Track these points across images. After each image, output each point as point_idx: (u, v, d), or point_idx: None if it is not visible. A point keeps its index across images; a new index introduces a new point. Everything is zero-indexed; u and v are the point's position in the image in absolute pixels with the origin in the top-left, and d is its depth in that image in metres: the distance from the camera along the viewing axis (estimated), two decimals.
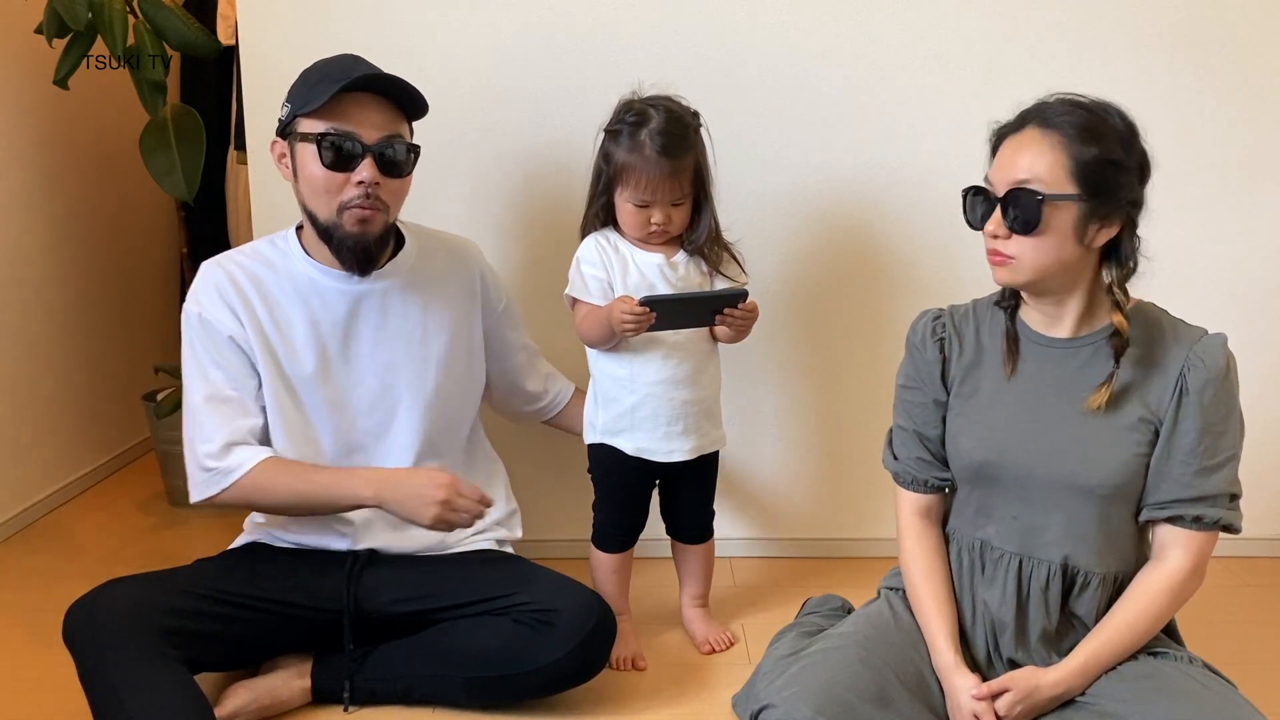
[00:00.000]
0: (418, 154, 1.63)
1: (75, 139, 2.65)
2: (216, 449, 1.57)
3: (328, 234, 1.59)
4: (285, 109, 1.59)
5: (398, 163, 1.58)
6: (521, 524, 1.89)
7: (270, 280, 1.64)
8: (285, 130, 1.59)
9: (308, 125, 1.55)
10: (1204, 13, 2.00)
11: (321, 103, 1.51)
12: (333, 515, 1.65)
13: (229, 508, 1.62)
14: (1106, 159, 1.23)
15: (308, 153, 1.55)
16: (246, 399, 1.61)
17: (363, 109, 1.55)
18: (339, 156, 1.54)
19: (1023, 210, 1.25)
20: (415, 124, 1.66)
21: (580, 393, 1.92)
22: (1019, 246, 1.28)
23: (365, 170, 1.54)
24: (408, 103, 1.60)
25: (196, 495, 1.60)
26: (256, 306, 1.62)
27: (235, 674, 1.65)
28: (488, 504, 1.60)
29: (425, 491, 1.54)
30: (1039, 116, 1.27)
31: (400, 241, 1.72)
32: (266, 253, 1.67)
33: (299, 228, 1.69)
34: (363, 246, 1.59)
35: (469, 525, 1.60)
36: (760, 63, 2.02)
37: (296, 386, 1.64)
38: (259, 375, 1.62)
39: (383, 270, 1.67)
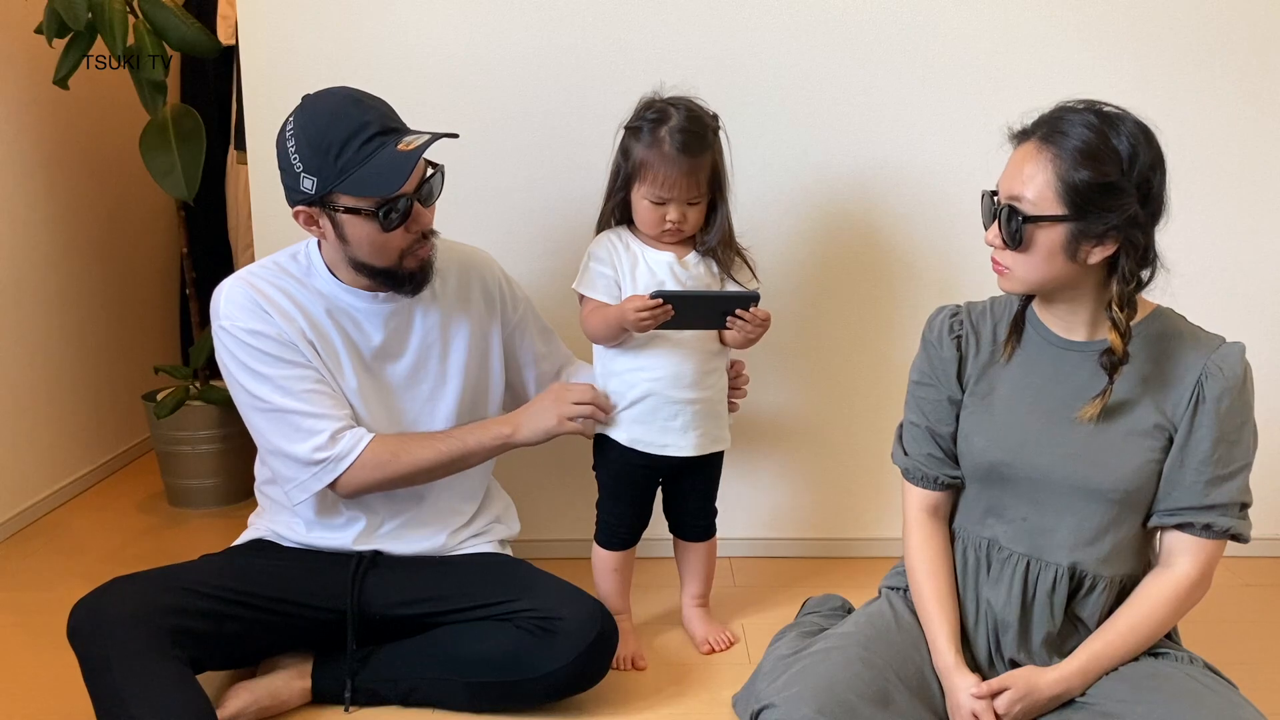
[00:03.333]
0: (444, 173, 1.61)
1: (75, 139, 2.65)
2: (324, 440, 1.56)
3: (383, 274, 1.59)
4: (307, 180, 1.50)
5: (435, 194, 1.59)
6: (519, 518, 1.89)
7: (302, 295, 1.62)
8: (316, 201, 1.53)
9: (354, 201, 1.50)
10: (1207, 12, 2.00)
11: (393, 192, 1.48)
12: (337, 513, 1.67)
13: (348, 493, 1.61)
14: (1098, 182, 1.21)
15: (358, 222, 1.52)
16: (330, 388, 1.60)
17: None
18: (401, 218, 1.52)
19: (1010, 227, 1.27)
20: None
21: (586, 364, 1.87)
22: (1012, 259, 1.29)
23: (419, 219, 1.55)
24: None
25: (302, 493, 1.59)
26: (295, 316, 1.60)
27: (237, 674, 1.65)
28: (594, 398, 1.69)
29: (544, 404, 1.69)
30: (1046, 127, 1.26)
31: None
32: (290, 268, 1.65)
33: (319, 243, 1.65)
34: (424, 275, 1.61)
35: (589, 415, 1.68)
36: (761, 63, 2.02)
37: (345, 397, 1.64)
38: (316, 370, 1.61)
39: None
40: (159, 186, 2.34)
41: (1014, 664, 1.38)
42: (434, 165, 1.58)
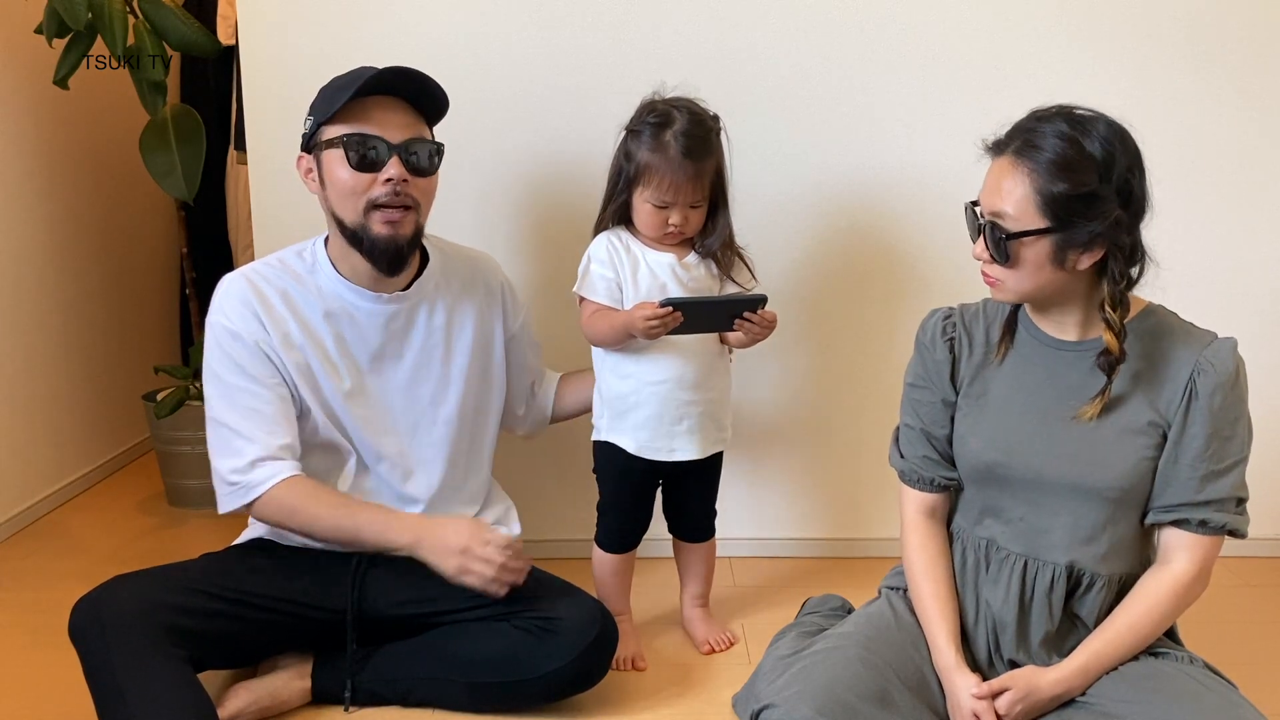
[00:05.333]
0: (442, 153, 1.63)
1: (75, 139, 2.65)
2: (244, 464, 1.55)
3: (357, 238, 1.58)
4: (308, 122, 1.59)
5: (424, 162, 1.59)
6: (519, 520, 1.89)
7: (299, 295, 1.62)
8: (310, 143, 1.59)
9: (332, 131, 1.54)
10: (1205, 12, 2.00)
11: (342, 105, 1.52)
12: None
13: (261, 521, 1.62)
14: (1077, 193, 1.21)
15: (334, 158, 1.55)
16: (276, 412, 1.58)
17: (386, 111, 1.55)
18: (366, 156, 1.54)
19: (995, 244, 1.27)
20: None
21: (568, 376, 1.91)
22: (1001, 273, 1.30)
23: (393, 168, 1.54)
24: (427, 104, 1.61)
25: (222, 508, 1.60)
26: (287, 319, 1.60)
27: (237, 674, 1.65)
28: (514, 555, 1.54)
29: (449, 539, 1.53)
30: (1020, 140, 1.26)
31: (424, 257, 1.72)
32: (294, 265, 1.65)
33: (326, 240, 1.67)
34: (395, 248, 1.58)
35: (491, 581, 1.52)
36: (760, 64, 2.02)
37: (331, 402, 1.64)
38: (289, 386, 1.61)
39: (408, 290, 1.67)
40: (159, 186, 2.34)
41: (1014, 664, 1.38)
42: (434, 143, 1.60)
